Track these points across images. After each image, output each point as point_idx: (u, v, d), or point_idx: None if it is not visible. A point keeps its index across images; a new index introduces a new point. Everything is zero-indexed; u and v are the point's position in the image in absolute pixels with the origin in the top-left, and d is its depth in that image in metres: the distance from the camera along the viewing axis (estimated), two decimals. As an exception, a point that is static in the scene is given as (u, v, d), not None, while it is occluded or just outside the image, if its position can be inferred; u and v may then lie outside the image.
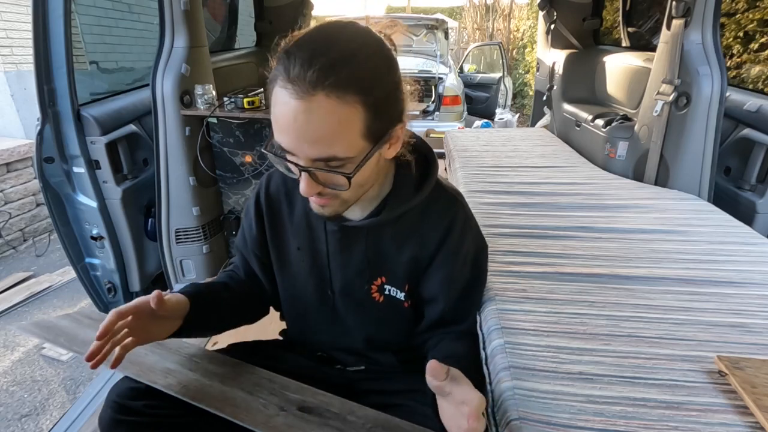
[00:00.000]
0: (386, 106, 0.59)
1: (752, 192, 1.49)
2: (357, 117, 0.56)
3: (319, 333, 0.85)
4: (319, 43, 0.55)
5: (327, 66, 0.53)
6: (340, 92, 0.54)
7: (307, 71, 0.53)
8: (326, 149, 0.57)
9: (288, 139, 0.57)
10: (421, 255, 0.75)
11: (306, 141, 0.56)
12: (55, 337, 0.86)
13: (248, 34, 2.97)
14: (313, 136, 0.55)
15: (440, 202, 0.76)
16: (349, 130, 0.56)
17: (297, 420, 0.68)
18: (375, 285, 0.78)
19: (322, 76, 0.53)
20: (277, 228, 0.82)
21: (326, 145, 0.56)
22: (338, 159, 0.58)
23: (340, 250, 0.77)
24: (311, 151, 0.57)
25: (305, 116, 0.54)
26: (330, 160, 0.58)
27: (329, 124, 0.55)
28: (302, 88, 0.53)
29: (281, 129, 0.57)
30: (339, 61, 0.54)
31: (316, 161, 0.58)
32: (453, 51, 9.05)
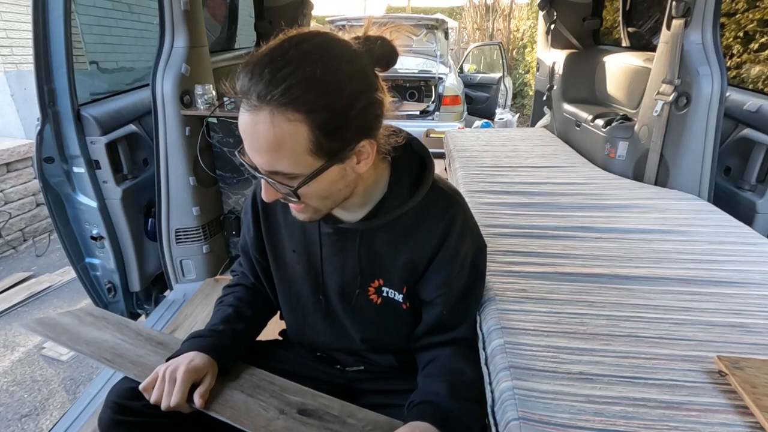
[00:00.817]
0: (340, 125, 0.58)
1: (752, 192, 1.48)
2: (300, 134, 0.56)
3: (318, 334, 0.85)
4: (272, 58, 0.56)
5: (272, 82, 0.54)
6: (282, 109, 0.54)
7: (255, 86, 0.55)
8: (270, 163, 0.59)
9: (246, 147, 0.60)
10: (418, 258, 0.74)
11: (255, 152, 0.59)
12: (57, 335, 0.86)
13: (248, 34, 2.97)
14: (259, 147, 0.58)
15: (438, 205, 0.74)
16: (291, 146, 0.57)
17: (297, 423, 0.68)
18: (372, 287, 0.77)
19: (265, 91, 0.54)
20: (272, 230, 0.82)
21: (270, 158, 0.58)
22: (283, 174, 0.60)
23: (335, 252, 0.77)
24: (260, 161, 0.59)
25: (252, 128, 0.57)
26: (277, 173, 0.60)
27: (270, 140, 0.56)
28: (252, 101, 0.55)
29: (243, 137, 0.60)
30: (282, 74, 0.54)
31: (268, 172, 0.60)
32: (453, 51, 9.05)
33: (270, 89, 0.54)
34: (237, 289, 0.90)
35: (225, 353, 0.76)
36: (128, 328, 0.91)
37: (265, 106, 0.54)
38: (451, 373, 0.72)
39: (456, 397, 0.68)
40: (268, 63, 0.55)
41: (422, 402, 0.68)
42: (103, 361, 0.80)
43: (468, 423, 0.67)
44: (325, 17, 6.32)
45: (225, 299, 0.88)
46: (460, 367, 0.73)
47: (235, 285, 0.91)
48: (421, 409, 0.66)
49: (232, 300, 0.87)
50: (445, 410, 0.66)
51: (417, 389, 0.72)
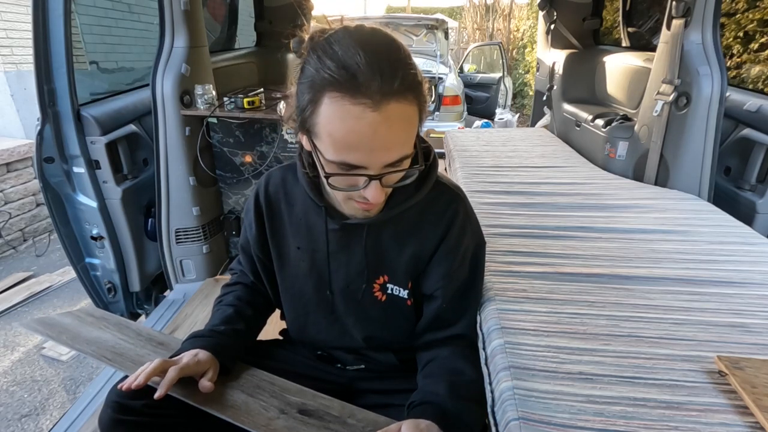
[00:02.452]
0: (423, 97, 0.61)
1: (752, 192, 1.48)
2: (416, 115, 0.59)
3: (319, 332, 0.85)
4: (371, 50, 0.55)
5: (392, 72, 0.54)
6: (404, 96, 0.56)
7: (378, 80, 0.53)
8: (400, 151, 0.59)
9: (361, 154, 0.57)
10: (422, 251, 0.75)
11: (383, 150, 0.57)
12: (57, 334, 0.86)
13: (248, 34, 2.97)
14: (392, 142, 0.57)
15: (441, 199, 0.76)
16: (414, 128, 0.60)
17: (297, 423, 0.68)
18: (377, 284, 0.77)
19: (391, 84, 0.54)
20: (276, 228, 0.82)
21: (401, 148, 0.59)
22: (407, 157, 0.61)
23: (340, 248, 0.77)
24: (388, 157, 0.58)
25: (385, 126, 0.55)
26: (401, 160, 0.60)
27: (403, 129, 0.58)
28: (375, 99, 0.53)
29: (351, 146, 0.56)
30: (398, 65, 0.55)
31: (390, 165, 0.59)
32: (453, 51, 9.05)
33: (393, 79, 0.54)
34: (236, 288, 0.90)
35: (226, 353, 0.76)
36: (128, 328, 0.91)
37: (390, 98, 0.54)
38: (451, 373, 0.72)
39: (456, 397, 0.68)
40: (377, 56, 0.54)
41: (423, 402, 0.68)
42: (103, 360, 0.80)
43: (469, 422, 0.67)
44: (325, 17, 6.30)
45: (224, 299, 0.88)
46: (459, 367, 0.73)
47: (235, 284, 0.91)
48: (422, 409, 0.66)
49: (231, 299, 0.87)
50: (446, 410, 0.66)
51: (417, 390, 0.72)
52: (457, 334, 0.77)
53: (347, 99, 0.53)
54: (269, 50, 2.80)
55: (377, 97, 0.53)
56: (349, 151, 0.57)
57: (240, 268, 0.92)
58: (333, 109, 0.55)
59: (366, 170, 0.59)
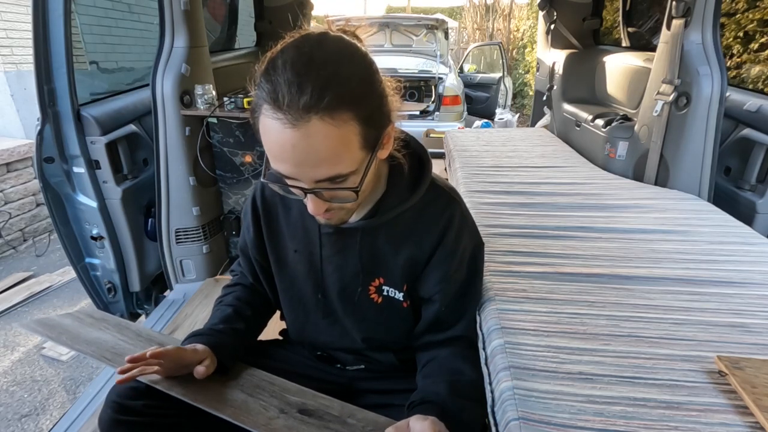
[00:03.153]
0: (377, 113, 0.59)
1: (752, 192, 1.48)
2: (353, 132, 0.55)
3: (318, 333, 0.85)
4: (302, 64, 0.53)
5: (316, 89, 0.52)
6: (333, 113, 0.52)
7: (297, 96, 0.51)
8: (329, 170, 0.57)
9: (288, 167, 0.57)
10: (418, 255, 0.75)
11: (308, 166, 0.56)
12: (57, 335, 0.86)
13: (248, 34, 2.97)
14: (314, 160, 0.55)
15: (437, 202, 0.75)
16: (348, 147, 0.56)
17: (297, 422, 0.68)
18: (373, 286, 0.77)
19: (313, 100, 0.51)
20: (273, 231, 0.82)
21: (329, 166, 0.56)
22: (342, 176, 0.58)
23: (335, 252, 0.77)
24: (315, 173, 0.57)
25: (303, 143, 0.53)
26: (335, 179, 0.58)
27: (328, 147, 0.54)
28: (294, 115, 0.52)
29: (279, 158, 0.56)
30: (327, 80, 0.53)
31: (320, 182, 0.58)
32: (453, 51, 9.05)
33: (317, 96, 0.51)
34: (236, 289, 0.90)
35: (225, 351, 0.76)
36: (128, 329, 0.91)
37: (313, 115, 0.52)
38: (451, 373, 0.72)
39: (456, 397, 0.68)
40: (303, 72, 0.53)
41: (423, 401, 0.68)
42: (103, 360, 0.80)
43: (468, 422, 0.67)
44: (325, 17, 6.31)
45: (224, 299, 0.88)
46: (459, 367, 0.73)
47: (235, 285, 0.91)
48: (423, 408, 0.66)
49: (231, 300, 0.87)
50: (446, 409, 0.66)
51: (416, 390, 0.72)
52: (456, 335, 0.77)
53: (270, 114, 0.53)
54: (269, 50, 2.80)
55: (296, 114, 0.52)
56: (279, 163, 0.57)
57: (240, 269, 0.93)
58: (262, 123, 0.55)
59: (299, 182, 0.59)
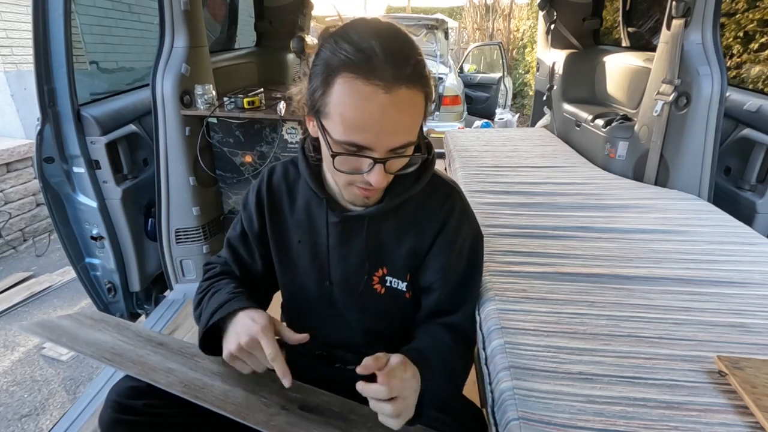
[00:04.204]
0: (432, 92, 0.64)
1: (752, 192, 1.48)
2: (423, 104, 0.62)
3: (320, 328, 0.85)
4: (386, 38, 0.58)
5: (405, 60, 0.57)
6: (414, 84, 0.58)
7: (391, 65, 0.56)
8: (407, 136, 0.61)
9: (369, 135, 0.59)
10: (420, 244, 0.76)
11: (391, 133, 0.59)
12: (57, 336, 0.86)
13: (248, 34, 2.97)
14: (399, 127, 0.59)
15: (438, 193, 0.78)
16: (420, 117, 0.62)
17: (298, 419, 0.68)
18: (376, 276, 0.78)
19: (402, 70, 0.56)
20: (277, 221, 0.83)
21: (407, 133, 0.61)
22: (411, 143, 0.62)
23: (341, 241, 0.77)
24: (394, 141, 0.60)
25: (394, 109, 0.57)
26: (406, 147, 0.62)
27: (411, 114, 0.60)
28: (388, 82, 0.56)
29: (360, 126, 0.58)
30: (410, 54, 0.58)
31: (395, 150, 0.61)
32: (453, 51, 9.05)
33: (405, 66, 0.57)
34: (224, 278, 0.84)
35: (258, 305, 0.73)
36: (128, 329, 0.91)
37: (402, 83, 0.56)
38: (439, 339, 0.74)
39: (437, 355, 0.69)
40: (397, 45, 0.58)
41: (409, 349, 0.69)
42: (103, 361, 0.80)
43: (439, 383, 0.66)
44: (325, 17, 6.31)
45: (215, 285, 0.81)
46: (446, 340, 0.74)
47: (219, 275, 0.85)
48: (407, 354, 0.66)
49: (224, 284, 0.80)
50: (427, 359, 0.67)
51: None
52: (454, 322, 0.78)
53: (361, 80, 0.56)
54: (269, 50, 2.80)
55: (390, 81, 0.56)
56: (358, 131, 0.58)
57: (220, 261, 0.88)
58: (346, 89, 0.57)
59: (372, 152, 0.60)
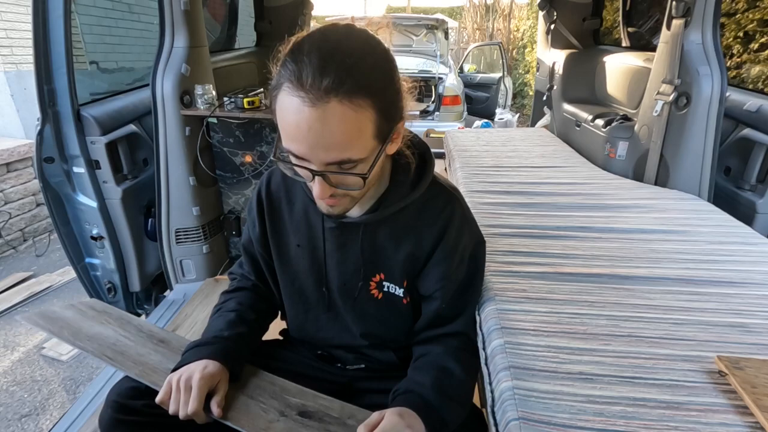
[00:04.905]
0: (393, 107, 0.61)
1: (752, 192, 1.48)
2: (369, 120, 0.57)
3: (319, 329, 0.85)
4: (328, 49, 0.55)
5: (339, 72, 0.54)
6: (352, 98, 0.54)
7: (320, 78, 0.53)
8: (341, 153, 0.58)
9: (301, 147, 0.57)
10: (419, 252, 0.76)
11: (321, 147, 0.57)
12: (59, 329, 0.86)
13: (248, 34, 2.97)
14: (329, 142, 0.56)
15: (438, 200, 0.76)
16: (362, 133, 0.58)
17: (297, 425, 0.68)
18: (373, 282, 0.78)
19: (336, 83, 0.53)
20: (277, 225, 0.83)
21: (341, 150, 0.57)
22: (352, 161, 0.59)
23: (337, 247, 0.78)
24: (326, 156, 0.58)
25: (320, 123, 0.55)
26: (344, 163, 0.59)
27: (344, 130, 0.56)
28: (315, 95, 0.54)
29: (293, 137, 0.57)
30: (350, 67, 0.55)
31: (330, 165, 0.59)
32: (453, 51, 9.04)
33: (339, 80, 0.53)
34: (237, 294, 0.88)
35: (233, 359, 0.75)
36: (130, 324, 0.91)
37: (332, 97, 0.54)
38: (440, 370, 0.73)
39: (440, 392, 0.69)
40: (329, 56, 0.54)
41: (407, 391, 0.69)
42: (104, 359, 0.80)
43: (447, 419, 0.67)
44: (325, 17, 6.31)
45: (225, 305, 0.86)
46: (449, 366, 0.73)
47: (234, 290, 0.90)
48: (405, 398, 0.68)
49: (233, 305, 0.85)
50: (428, 402, 0.67)
51: (404, 379, 0.73)
52: (454, 331, 0.78)
53: (291, 91, 0.55)
54: (269, 50, 2.79)
55: (317, 94, 0.54)
56: (292, 142, 0.58)
57: (241, 272, 0.92)
58: (281, 100, 0.57)
59: (309, 164, 0.59)
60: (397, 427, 0.61)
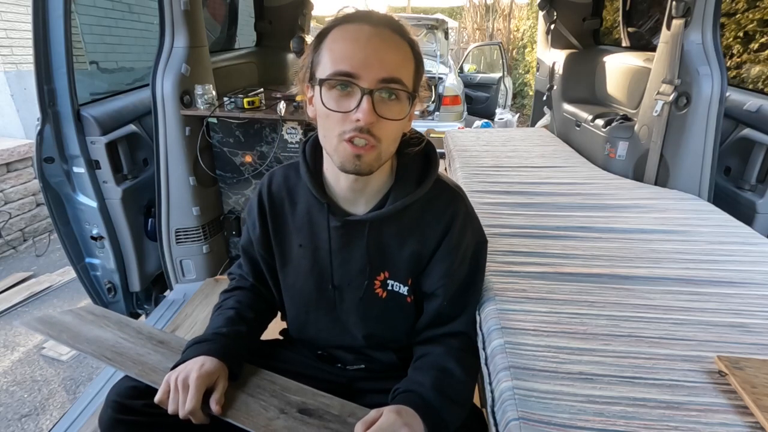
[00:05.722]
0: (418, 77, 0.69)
1: (752, 192, 1.49)
2: (411, 58, 0.66)
3: (320, 331, 0.85)
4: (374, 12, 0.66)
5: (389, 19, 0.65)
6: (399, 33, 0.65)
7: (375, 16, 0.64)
8: (395, 70, 0.63)
9: (357, 60, 0.61)
10: (423, 249, 0.76)
11: (376, 60, 0.62)
12: (58, 333, 0.86)
13: (248, 34, 2.97)
14: (385, 55, 0.62)
15: (442, 198, 0.77)
16: (408, 62, 0.66)
17: (297, 423, 0.68)
18: (378, 280, 0.78)
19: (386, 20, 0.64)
20: (279, 226, 0.83)
21: (396, 66, 0.63)
22: (403, 84, 0.64)
23: (342, 245, 0.78)
24: (381, 69, 0.62)
25: (379, 39, 0.62)
26: (396, 81, 0.63)
27: (397, 50, 0.64)
28: (372, 22, 0.63)
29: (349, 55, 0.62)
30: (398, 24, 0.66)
31: (383, 82, 0.62)
32: (453, 51, 9.05)
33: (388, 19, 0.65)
34: (236, 293, 0.89)
35: (232, 356, 0.75)
36: (129, 326, 0.91)
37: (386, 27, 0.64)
38: (440, 370, 0.73)
39: (440, 392, 0.69)
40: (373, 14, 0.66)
41: (407, 390, 0.69)
42: (103, 360, 0.80)
43: (446, 419, 0.67)
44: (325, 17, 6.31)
45: (225, 303, 0.87)
46: (450, 367, 0.74)
47: (233, 289, 0.90)
48: (405, 397, 0.68)
49: (232, 303, 0.86)
50: (427, 401, 0.67)
51: (404, 379, 0.73)
52: (455, 331, 0.78)
53: (348, 25, 0.64)
54: (269, 50, 2.80)
55: (373, 21, 0.63)
56: (345, 60, 0.62)
57: (239, 272, 0.92)
58: (334, 36, 0.64)
59: (359, 81, 0.62)
60: (395, 425, 0.61)
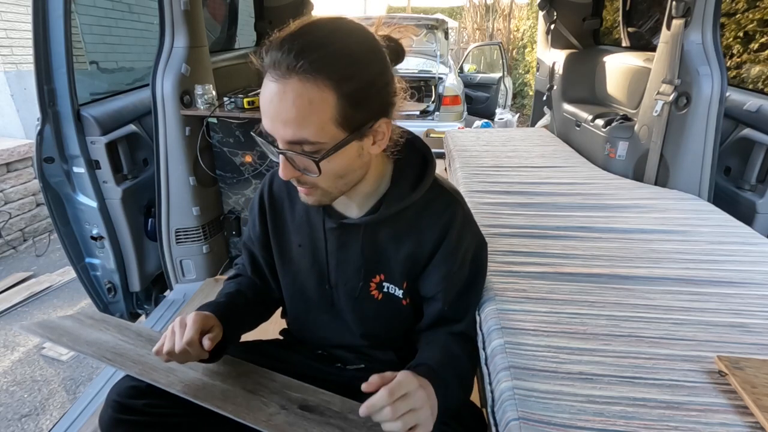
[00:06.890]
0: (364, 97, 0.60)
1: (752, 192, 1.48)
2: (328, 102, 0.58)
3: (320, 330, 0.86)
4: (300, 30, 0.58)
5: (300, 49, 0.56)
6: (311, 75, 0.56)
7: (286, 56, 0.56)
8: (297, 131, 0.59)
9: (266, 121, 0.61)
10: (419, 253, 0.76)
11: (279, 122, 0.59)
12: (58, 336, 0.86)
13: (248, 34, 2.97)
14: (285, 117, 0.58)
15: (439, 201, 0.76)
16: (319, 113, 0.58)
17: (298, 418, 0.68)
18: (373, 282, 0.78)
19: (296, 60, 0.56)
20: (279, 225, 0.84)
21: (297, 127, 0.58)
22: (309, 143, 0.60)
23: (338, 247, 0.78)
24: (284, 132, 0.59)
25: (279, 98, 0.57)
26: (302, 143, 0.60)
27: (299, 106, 0.57)
28: (280, 72, 0.57)
29: (262, 111, 0.61)
30: (313, 45, 0.56)
31: (291, 144, 0.60)
32: (453, 51, 9.05)
33: (301, 57, 0.55)
34: (238, 279, 0.92)
35: (227, 318, 0.77)
36: (129, 329, 0.91)
37: (294, 74, 0.56)
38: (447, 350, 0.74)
39: (448, 366, 0.70)
40: (299, 35, 0.57)
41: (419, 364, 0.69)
42: (104, 360, 0.80)
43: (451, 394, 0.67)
44: (325, 17, 6.28)
45: (227, 286, 0.91)
46: (457, 352, 0.74)
47: (236, 276, 0.94)
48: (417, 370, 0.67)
49: (233, 285, 0.89)
50: (437, 371, 0.67)
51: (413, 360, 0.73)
52: (458, 332, 0.78)
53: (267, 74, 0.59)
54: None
55: (283, 71, 0.56)
56: (262, 116, 0.61)
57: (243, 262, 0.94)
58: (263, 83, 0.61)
59: (275, 140, 0.62)
60: (412, 383, 0.60)
